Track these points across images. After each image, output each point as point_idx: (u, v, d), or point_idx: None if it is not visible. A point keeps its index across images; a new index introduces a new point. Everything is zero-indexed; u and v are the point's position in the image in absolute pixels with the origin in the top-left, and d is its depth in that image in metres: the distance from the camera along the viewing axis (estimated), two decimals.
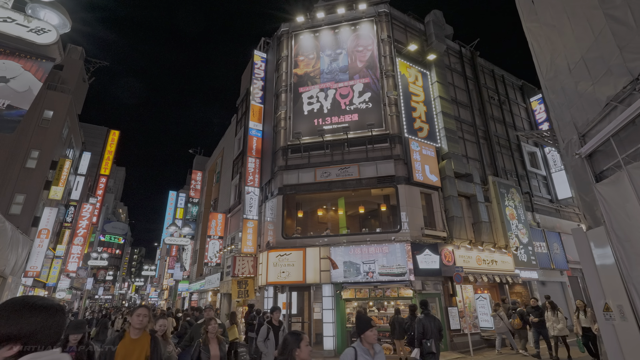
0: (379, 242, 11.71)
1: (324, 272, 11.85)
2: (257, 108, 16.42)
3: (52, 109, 20.04)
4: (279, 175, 13.85)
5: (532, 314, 9.82)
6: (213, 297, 20.98)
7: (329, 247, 12.05)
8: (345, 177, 12.95)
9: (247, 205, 14.40)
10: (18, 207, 17.82)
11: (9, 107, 4.46)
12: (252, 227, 14.14)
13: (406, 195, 12.36)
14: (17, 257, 13.07)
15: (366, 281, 11.24)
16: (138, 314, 3.23)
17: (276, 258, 12.38)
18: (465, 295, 12.23)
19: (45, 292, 23.47)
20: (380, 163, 12.83)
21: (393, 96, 13.91)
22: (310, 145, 13.88)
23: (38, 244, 17.84)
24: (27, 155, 18.70)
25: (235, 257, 13.54)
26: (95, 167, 35.55)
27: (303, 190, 13.44)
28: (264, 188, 14.86)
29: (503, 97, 19.07)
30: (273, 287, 12.58)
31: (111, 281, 52.17)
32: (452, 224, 12.69)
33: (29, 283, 18.74)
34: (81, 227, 27.51)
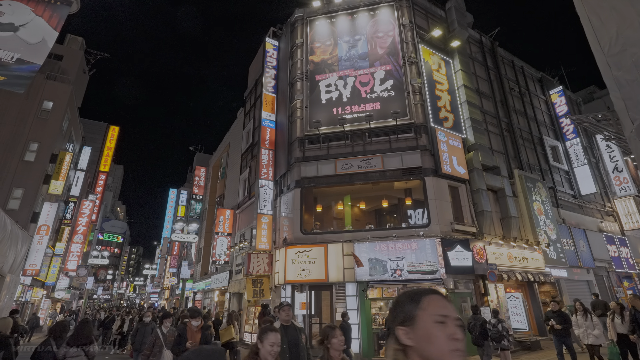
0: (407, 238, 10.94)
1: (347, 270, 11.06)
2: (270, 98, 15.61)
3: (51, 100, 19.14)
4: (296, 168, 13.04)
5: (553, 319, 7.95)
6: (220, 296, 20.14)
7: (353, 243, 11.26)
8: (368, 169, 12.16)
9: (261, 200, 13.58)
10: (16, 202, 16.93)
11: (19, 60, 3.65)
12: (266, 223, 13.32)
13: (434, 188, 11.60)
14: (16, 254, 12.17)
15: (394, 279, 10.47)
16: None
17: (295, 255, 11.58)
18: (497, 294, 11.49)
19: (44, 291, 22.55)
20: (406, 154, 12.06)
21: (417, 84, 13.14)
22: (330, 135, 13.09)
23: (37, 241, 16.92)
24: (25, 148, 17.79)
25: (250, 254, 12.72)
26: (94, 163, 34.59)
27: (322, 183, 12.65)
28: (279, 182, 14.05)
29: (523, 89, 18.36)
30: (291, 286, 11.79)
31: (110, 280, 51.17)
32: (482, 218, 11.94)
33: (28, 282, 17.85)
34: (81, 225, 26.56)
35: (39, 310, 22.54)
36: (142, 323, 7.79)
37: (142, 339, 7.09)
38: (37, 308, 22.42)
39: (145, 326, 7.54)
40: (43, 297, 23.14)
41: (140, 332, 7.41)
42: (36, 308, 22.11)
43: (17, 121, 17.93)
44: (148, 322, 7.71)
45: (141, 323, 7.81)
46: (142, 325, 7.61)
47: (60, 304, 29.38)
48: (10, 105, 18.04)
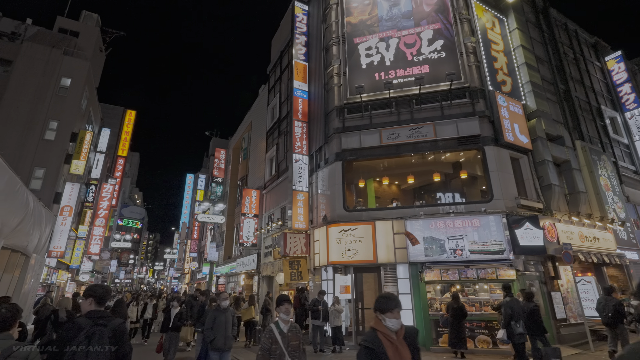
0: (467, 215, 9.70)
1: (399, 250, 9.94)
2: (301, 66, 14.32)
3: (69, 76, 18.31)
4: (335, 139, 11.85)
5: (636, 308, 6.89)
6: (247, 280, 19.43)
7: (404, 221, 10.09)
8: (418, 139, 10.87)
9: (296, 175, 12.49)
10: (38, 182, 16.32)
11: None
12: (302, 200, 12.26)
13: (495, 158, 10.25)
14: (41, 234, 11.43)
15: (454, 260, 9.30)
16: None
17: (339, 234, 10.51)
18: (567, 277, 10.22)
19: (69, 274, 22.34)
20: (462, 121, 10.69)
21: (471, 43, 11.64)
22: (372, 103, 11.79)
23: (61, 222, 16.37)
24: (45, 126, 17.09)
25: (286, 233, 11.72)
26: (112, 148, 34.17)
27: (366, 155, 11.43)
28: (315, 156, 12.90)
29: (578, 54, 16.53)
30: (332, 268, 10.77)
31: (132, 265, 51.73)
32: (550, 193, 10.58)
33: (53, 264, 17.44)
34: (102, 208, 26.24)
35: (65, 293, 22.38)
36: (217, 309, 5.76)
37: (224, 331, 5.53)
38: (63, 291, 22.25)
39: (222, 313, 5.67)
40: (68, 280, 22.97)
41: (218, 322, 5.56)
42: (62, 291, 21.91)
43: (35, 98, 17.20)
44: (225, 307, 5.82)
45: (217, 310, 5.76)
46: (219, 313, 5.66)
47: (85, 287, 29.44)
48: (28, 82, 17.30)
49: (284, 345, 3.15)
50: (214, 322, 5.51)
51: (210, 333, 5.43)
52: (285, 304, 3.38)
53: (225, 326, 5.50)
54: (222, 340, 5.40)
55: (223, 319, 5.55)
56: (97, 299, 2.63)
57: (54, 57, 18.18)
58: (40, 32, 20.28)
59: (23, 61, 17.57)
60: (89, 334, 2.36)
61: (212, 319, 5.56)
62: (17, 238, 8.79)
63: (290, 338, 3.24)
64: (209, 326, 5.45)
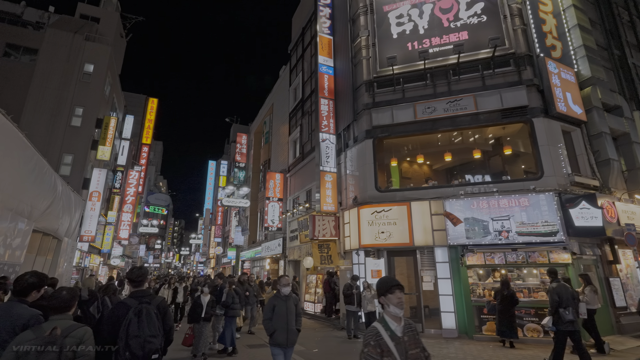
0: (513, 193, 8.84)
1: (437, 232, 9.26)
2: (326, 40, 13.51)
3: (92, 62, 18.28)
4: (365, 116, 11.12)
5: None
6: (272, 264, 19.30)
7: (442, 201, 9.36)
8: (457, 112, 9.98)
9: (323, 156, 11.90)
10: (67, 168, 16.56)
11: None
12: (330, 181, 11.70)
13: (545, 131, 9.25)
14: (71, 218, 11.46)
15: (500, 243, 8.53)
16: None
17: (372, 215, 9.91)
18: (626, 262, 9.25)
19: (100, 258, 23.01)
20: (506, 91, 9.68)
21: (516, 5, 10.47)
22: (405, 75, 10.92)
23: (90, 207, 16.63)
24: (71, 113, 17.21)
25: (314, 216, 11.25)
26: (136, 136, 34.67)
27: (398, 132, 10.66)
28: (342, 135, 12.23)
29: (634, 16, 14.79)
30: (364, 252, 10.25)
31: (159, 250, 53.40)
32: (608, 169, 9.53)
33: (85, 248, 17.84)
34: (129, 195, 26.73)
35: (97, 276, 23.14)
36: (277, 297, 4.59)
37: (286, 324, 4.43)
38: (96, 274, 23.00)
39: (283, 301, 4.53)
40: (100, 264, 23.69)
41: (278, 312, 4.46)
42: (95, 274, 22.65)
43: (61, 85, 17.29)
44: (286, 294, 4.62)
45: (277, 297, 4.59)
46: (279, 301, 4.54)
47: (116, 271, 30.46)
48: (53, 69, 17.38)
49: (400, 357, 2.03)
50: (272, 312, 4.48)
51: (269, 325, 4.46)
52: (396, 291, 2.17)
53: (287, 317, 4.44)
54: (284, 335, 4.38)
55: (284, 309, 4.47)
56: (132, 281, 2.96)
57: (76, 43, 18.15)
58: (62, 19, 20.29)
59: (47, 48, 17.63)
60: (137, 311, 2.65)
61: (270, 308, 4.53)
62: (47, 221, 8.72)
63: (408, 344, 2.10)
64: (267, 316, 4.49)
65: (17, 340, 2.19)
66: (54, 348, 2.16)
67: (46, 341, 2.16)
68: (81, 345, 2.30)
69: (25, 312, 2.55)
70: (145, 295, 2.88)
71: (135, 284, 2.97)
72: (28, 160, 7.02)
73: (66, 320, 2.41)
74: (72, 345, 2.25)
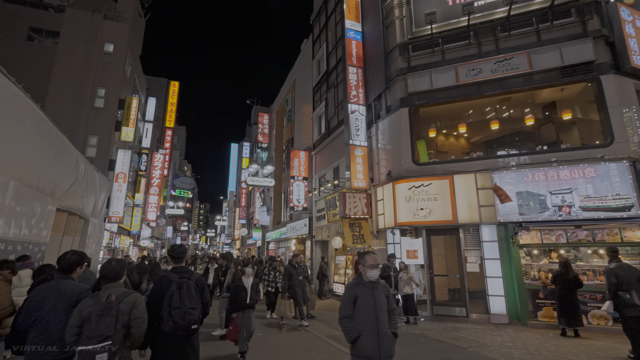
0: (576, 163, 7.70)
1: (484, 208, 8.31)
2: (353, 2, 12.35)
3: (112, 42, 17.95)
4: (399, 83, 10.07)
5: None
6: (298, 245, 18.92)
7: (490, 173, 8.35)
8: (506, 73, 8.77)
9: (353, 129, 11.02)
10: (93, 150, 16.56)
11: None
12: (361, 156, 10.86)
13: (616, 90, 7.93)
14: (96, 198, 11.23)
15: (560, 219, 7.50)
16: None
17: (409, 191, 9.05)
18: None
19: (130, 239, 23.51)
20: (567, 46, 8.35)
21: None
22: (445, 34, 9.72)
23: (117, 189, 16.65)
24: (93, 94, 17.07)
25: (345, 193, 10.51)
26: (159, 120, 34.83)
27: (437, 99, 9.58)
28: (373, 105, 11.26)
29: None
30: (399, 230, 9.46)
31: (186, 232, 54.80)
32: None
33: (114, 229, 18.07)
34: (155, 177, 26.98)
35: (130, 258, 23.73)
36: (358, 283, 3.10)
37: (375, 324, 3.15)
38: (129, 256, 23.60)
39: (369, 290, 3.04)
40: (130, 245, 24.24)
41: (363, 306, 2.99)
42: (126, 254, 23.22)
43: (83, 66, 17.10)
44: (374, 280, 3.13)
45: (358, 284, 3.11)
46: (363, 289, 3.06)
47: (147, 252, 31.34)
48: (74, 49, 17.17)
49: None
50: (353, 307, 2.95)
51: (349, 326, 2.92)
52: None
53: (376, 315, 2.89)
54: (374, 342, 2.85)
55: (370, 301, 2.92)
56: (173, 257, 3.25)
57: (95, 23, 17.82)
58: None
59: (67, 29, 17.39)
60: (178, 284, 2.88)
61: (349, 300, 2.98)
62: (71, 200, 8.47)
63: None
64: (345, 313, 2.96)
65: (79, 306, 2.49)
66: (111, 312, 2.42)
67: (104, 307, 2.43)
68: (134, 309, 2.57)
69: (76, 288, 2.78)
70: (185, 271, 3.13)
71: (176, 260, 3.23)
72: (45, 135, 6.61)
73: (118, 287, 2.67)
74: (126, 310, 2.53)
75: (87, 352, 2.31)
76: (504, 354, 5.49)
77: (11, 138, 5.38)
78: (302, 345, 6.16)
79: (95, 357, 2.31)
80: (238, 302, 5.37)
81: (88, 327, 2.37)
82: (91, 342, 2.32)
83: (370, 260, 3.02)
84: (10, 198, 5.63)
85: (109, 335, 2.36)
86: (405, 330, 7.38)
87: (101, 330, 2.35)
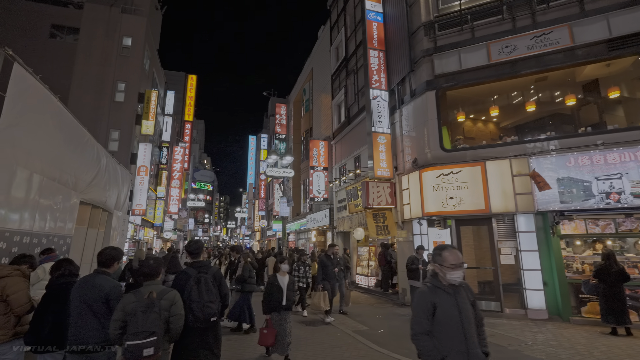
0: (627, 145, 6.99)
1: (521, 196, 7.72)
2: None
3: (130, 35, 17.99)
4: (425, 64, 9.48)
5: None
6: (318, 236, 18.72)
7: (527, 158, 7.74)
8: (545, 49, 8.04)
9: (375, 115, 10.54)
10: (115, 144, 16.78)
11: None
12: (384, 143, 10.39)
13: None
14: (119, 191, 11.29)
15: (608, 207, 6.85)
16: None
17: (437, 179, 8.56)
18: None
19: (154, 231, 24.00)
20: (616, 15, 7.53)
21: None
22: (475, 10, 9.03)
23: (139, 182, 16.88)
24: (114, 88, 17.22)
25: (368, 182, 10.10)
26: (179, 114, 35.19)
27: (467, 80, 8.95)
28: (397, 90, 10.71)
29: None
30: (426, 221, 9.00)
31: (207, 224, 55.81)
32: None
33: (138, 222, 18.39)
34: (176, 170, 27.31)
35: (153, 249, 24.29)
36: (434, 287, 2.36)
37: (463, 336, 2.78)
38: (151, 247, 24.14)
39: (451, 297, 2.33)
40: (154, 237, 24.77)
41: (443, 317, 2.20)
42: (150, 246, 23.76)
43: (102, 60, 17.26)
44: (457, 282, 2.40)
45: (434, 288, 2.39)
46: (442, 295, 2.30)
47: (170, 243, 32.08)
48: (94, 45, 17.33)
49: None
50: (431, 319, 2.21)
51: (427, 345, 2.16)
52: None
53: (463, 330, 2.15)
54: None
55: (455, 312, 2.18)
56: (191, 253, 3.39)
57: (113, 17, 17.89)
58: None
59: (86, 24, 17.54)
60: (196, 279, 3.05)
61: (426, 311, 2.22)
62: (94, 193, 8.46)
63: None
64: (420, 329, 2.19)
65: (122, 302, 2.60)
66: (154, 309, 2.53)
67: (147, 303, 2.54)
68: (173, 306, 2.69)
69: (106, 283, 2.86)
70: (203, 265, 3.26)
71: (193, 255, 3.38)
72: (65, 127, 6.52)
73: (157, 285, 2.79)
74: (167, 306, 2.65)
75: (135, 346, 2.44)
76: (550, 354, 5.04)
77: (31, 130, 5.28)
78: (328, 340, 5.90)
79: (143, 351, 2.44)
80: (272, 303, 4.72)
81: (134, 322, 2.48)
82: (139, 337, 2.45)
83: (452, 259, 2.22)
84: (34, 191, 5.57)
85: (155, 330, 2.49)
86: None
87: (147, 326, 2.48)
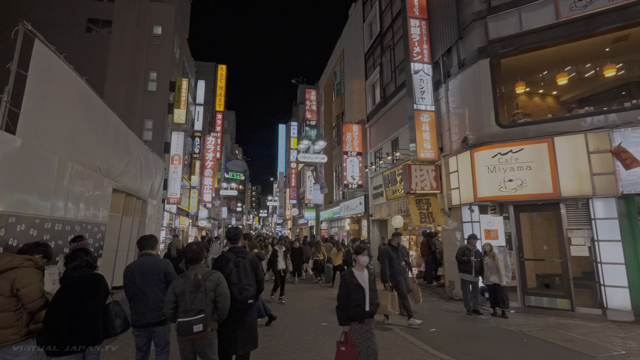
0: None
1: (599, 177, 6.54)
2: None
3: (160, 24, 17.95)
4: (477, 29, 8.32)
5: None
6: (352, 225, 18.05)
7: (608, 132, 6.52)
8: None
9: (417, 91, 9.54)
10: (149, 133, 16.94)
11: None
12: (428, 122, 9.40)
13: None
14: (153, 179, 11.16)
15: None
16: None
17: (493, 159, 7.52)
18: None
19: (189, 220, 24.46)
20: None
21: None
22: None
23: (173, 171, 16.98)
24: (146, 78, 17.30)
25: (410, 165, 9.21)
26: (210, 104, 35.47)
27: (529, 44, 7.71)
28: (442, 62, 9.61)
29: None
30: (478, 207, 8.01)
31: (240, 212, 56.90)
32: None
33: (174, 210, 18.64)
34: (208, 160, 27.55)
35: (188, 237, 24.87)
36: None
37: None
38: (187, 235, 24.68)
39: None
40: (190, 225, 25.28)
41: None
42: (186, 235, 24.28)
43: (134, 50, 17.35)
44: None
45: None
46: None
47: (205, 232, 32.81)
48: (126, 35, 17.43)
49: None
50: None
51: None
52: None
53: None
54: None
55: None
56: (229, 238, 3.63)
57: (143, 6, 17.88)
58: None
59: (118, 14, 17.65)
60: (235, 262, 3.25)
61: None
62: (127, 180, 8.30)
63: None
64: None
65: (172, 285, 2.91)
66: (200, 289, 2.82)
67: (193, 284, 2.83)
68: (218, 287, 2.95)
69: (159, 263, 3.36)
70: (241, 251, 3.44)
71: (231, 240, 3.57)
72: (92, 110, 6.22)
73: (201, 267, 3.04)
74: (212, 287, 2.92)
75: (185, 322, 2.69)
76: None
77: (56, 113, 4.96)
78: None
79: (193, 327, 2.68)
80: (351, 308, 3.22)
81: (183, 302, 2.76)
82: (188, 314, 2.70)
83: None
84: (64, 177, 5.31)
85: (202, 309, 2.73)
86: (497, 325, 6.14)
87: (195, 304, 2.74)
